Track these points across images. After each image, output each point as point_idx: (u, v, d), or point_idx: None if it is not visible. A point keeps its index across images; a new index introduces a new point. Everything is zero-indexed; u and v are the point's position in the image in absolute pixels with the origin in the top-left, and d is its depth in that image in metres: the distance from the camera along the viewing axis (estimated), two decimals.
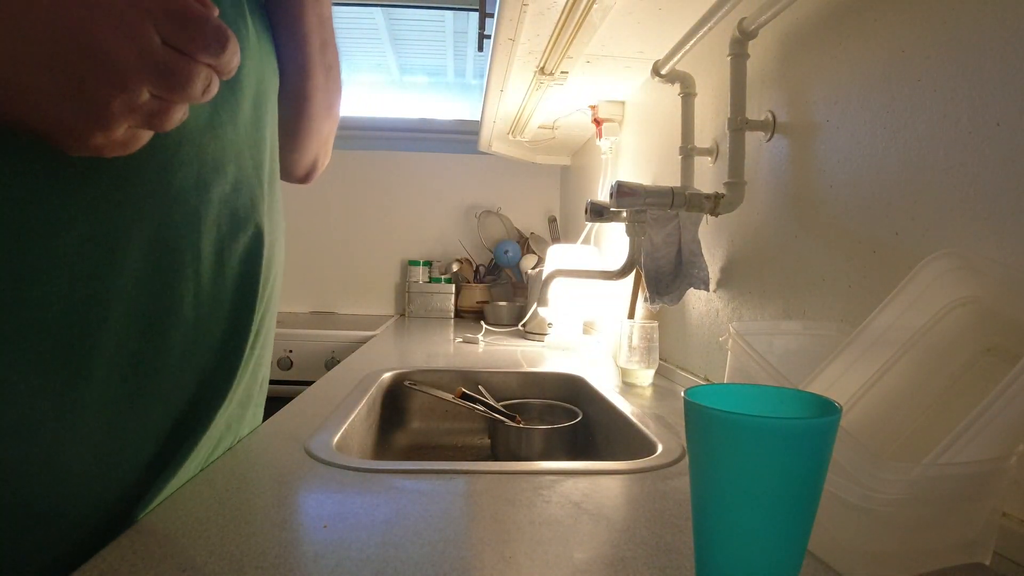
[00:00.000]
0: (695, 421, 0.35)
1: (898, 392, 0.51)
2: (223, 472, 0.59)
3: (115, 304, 0.43)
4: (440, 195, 2.45)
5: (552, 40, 1.12)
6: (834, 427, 0.33)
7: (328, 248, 2.41)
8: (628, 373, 1.10)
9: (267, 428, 0.75)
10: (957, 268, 0.49)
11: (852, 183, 0.68)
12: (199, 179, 0.47)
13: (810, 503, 0.33)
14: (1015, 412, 0.38)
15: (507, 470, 0.62)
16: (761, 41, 0.85)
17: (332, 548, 0.44)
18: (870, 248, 0.65)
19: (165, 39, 0.34)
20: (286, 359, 1.76)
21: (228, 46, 0.36)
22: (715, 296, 1.01)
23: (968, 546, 0.43)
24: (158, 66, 0.34)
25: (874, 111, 0.64)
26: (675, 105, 1.06)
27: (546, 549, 0.45)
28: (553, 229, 2.41)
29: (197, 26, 0.35)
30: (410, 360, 1.31)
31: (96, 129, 0.34)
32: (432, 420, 1.15)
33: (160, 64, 0.34)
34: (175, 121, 0.37)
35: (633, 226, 0.95)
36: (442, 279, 2.32)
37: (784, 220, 0.81)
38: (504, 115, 1.67)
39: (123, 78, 0.33)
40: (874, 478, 0.38)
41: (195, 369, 0.50)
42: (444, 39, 2.68)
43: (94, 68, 0.33)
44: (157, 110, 0.36)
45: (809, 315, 0.75)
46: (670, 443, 0.73)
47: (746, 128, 0.84)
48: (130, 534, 0.45)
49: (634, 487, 0.60)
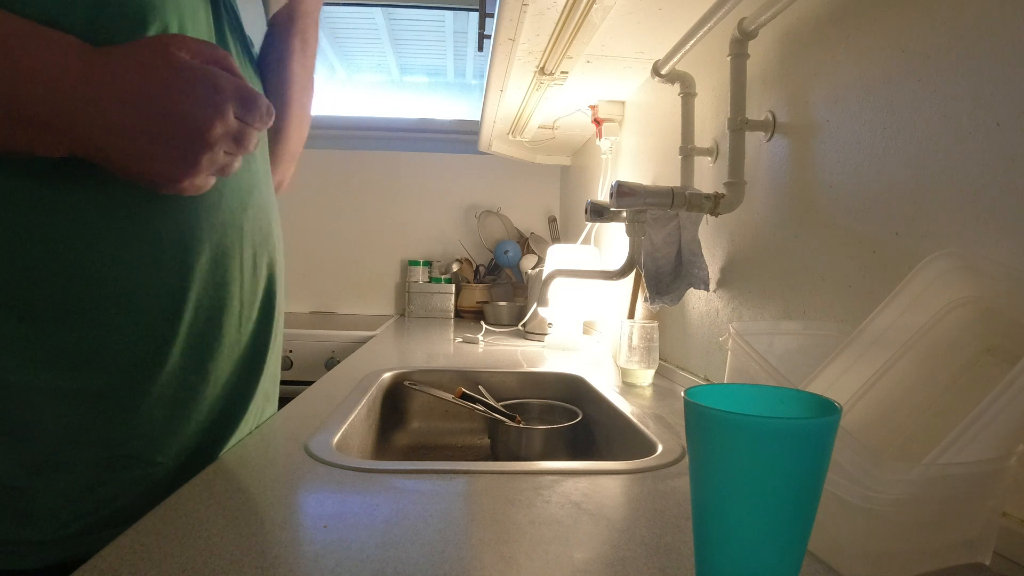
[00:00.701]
0: (695, 421, 0.35)
1: (898, 392, 0.51)
2: (223, 472, 0.59)
3: (190, 297, 0.56)
4: (440, 195, 2.45)
5: (552, 40, 1.12)
6: (834, 427, 0.33)
7: (328, 248, 2.41)
8: (628, 373, 1.10)
9: (267, 428, 0.75)
10: (957, 268, 0.49)
11: (852, 183, 0.68)
12: (240, 202, 0.61)
13: (810, 503, 0.33)
14: (1015, 412, 0.38)
15: (507, 470, 0.62)
16: (761, 41, 0.85)
17: (332, 548, 0.44)
18: (870, 248, 0.65)
19: (236, 115, 0.49)
20: (286, 359, 1.76)
21: (273, 117, 0.52)
22: (715, 296, 1.01)
23: (968, 546, 0.43)
24: (232, 135, 0.49)
25: (874, 111, 0.64)
26: (675, 105, 1.06)
27: (546, 549, 0.45)
28: (553, 229, 2.41)
29: (257, 106, 0.50)
30: (410, 360, 1.31)
31: (186, 177, 0.48)
32: (432, 420, 1.15)
33: (234, 133, 0.49)
34: (235, 169, 0.53)
35: (633, 226, 0.95)
36: (442, 279, 2.32)
37: (784, 220, 0.81)
38: (504, 115, 1.67)
39: (211, 144, 0.48)
40: (874, 478, 0.38)
41: (241, 347, 0.64)
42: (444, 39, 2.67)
43: (195, 138, 0.47)
44: (227, 163, 0.51)
45: (809, 315, 0.75)
46: (670, 443, 0.73)
47: (746, 128, 0.84)
48: (130, 534, 0.45)
49: (634, 487, 0.60)
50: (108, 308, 0.51)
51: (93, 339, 0.50)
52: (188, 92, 0.46)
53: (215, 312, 0.58)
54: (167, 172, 0.47)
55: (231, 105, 0.48)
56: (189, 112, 0.46)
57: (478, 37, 1.56)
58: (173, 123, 0.46)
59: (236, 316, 0.61)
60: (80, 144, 0.45)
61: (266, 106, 0.51)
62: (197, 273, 0.56)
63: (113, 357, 0.51)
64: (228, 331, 0.60)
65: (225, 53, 0.50)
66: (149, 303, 0.53)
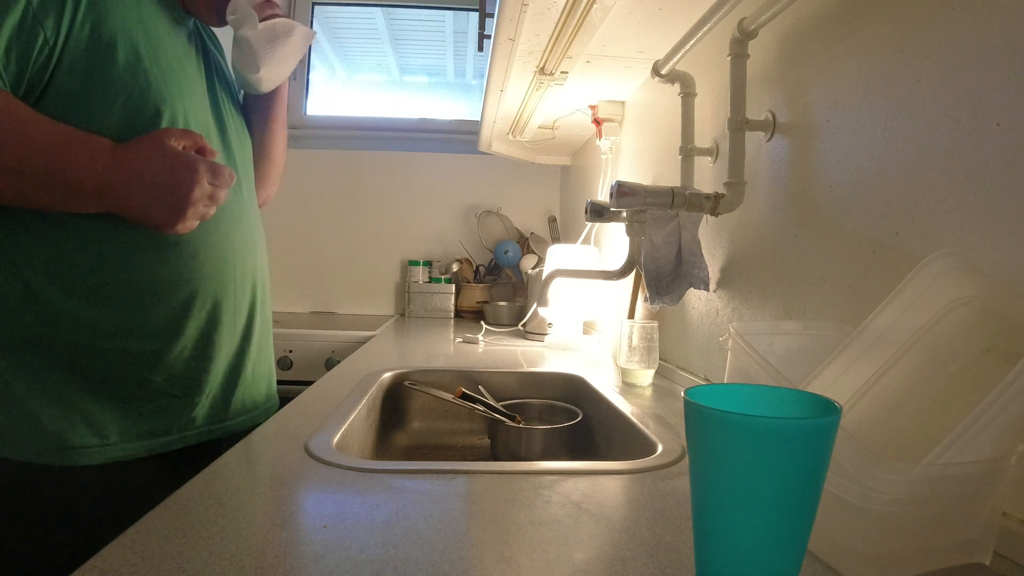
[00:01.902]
0: (695, 421, 0.35)
1: (898, 392, 0.51)
2: (223, 472, 0.60)
3: (198, 290, 0.81)
4: (440, 195, 2.45)
5: (552, 40, 1.12)
6: (834, 427, 0.33)
7: (328, 248, 2.41)
8: (628, 373, 1.10)
9: (267, 428, 0.75)
10: (957, 268, 0.49)
11: (852, 183, 0.68)
12: (234, 225, 0.87)
13: (810, 503, 0.33)
14: (1015, 412, 0.38)
15: (507, 470, 0.62)
16: (761, 41, 0.85)
17: (332, 548, 0.44)
18: (870, 248, 0.65)
19: (209, 182, 0.73)
20: (286, 359, 1.76)
21: (233, 178, 0.77)
22: (715, 296, 1.01)
23: (968, 546, 0.43)
24: (208, 195, 0.74)
25: (874, 111, 0.64)
26: (675, 105, 1.06)
27: (546, 549, 0.45)
28: (553, 229, 2.41)
29: (222, 174, 0.75)
30: (410, 360, 1.31)
31: (177, 224, 0.72)
32: (432, 420, 1.15)
33: (209, 194, 0.74)
34: (211, 215, 0.77)
35: (633, 226, 0.95)
36: (442, 279, 2.32)
37: (784, 220, 0.81)
38: (504, 115, 1.67)
39: (192, 203, 0.72)
40: (874, 478, 0.38)
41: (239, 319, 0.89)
42: (444, 39, 2.68)
43: (181, 199, 0.71)
44: (205, 212, 0.75)
45: (809, 315, 0.75)
46: (670, 443, 0.73)
47: (746, 128, 0.84)
48: (130, 534, 0.45)
49: (634, 487, 0.60)
50: (140, 293, 0.77)
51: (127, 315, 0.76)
52: (176, 170, 0.71)
53: (217, 303, 0.84)
54: (164, 221, 0.72)
55: (205, 177, 0.72)
56: (177, 184, 0.71)
57: (478, 37, 1.56)
58: (166, 191, 0.71)
59: (232, 303, 0.86)
60: (109, 205, 0.70)
61: (228, 173, 0.75)
62: (203, 274, 0.82)
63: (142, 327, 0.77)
64: (226, 314, 0.86)
65: (199, 136, 0.75)
66: (168, 291, 0.79)
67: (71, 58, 0.69)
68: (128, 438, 0.76)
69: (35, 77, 0.67)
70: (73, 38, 0.68)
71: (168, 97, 0.76)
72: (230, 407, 0.88)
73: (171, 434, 0.80)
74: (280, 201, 2.46)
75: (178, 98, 0.78)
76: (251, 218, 0.93)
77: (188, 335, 0.81)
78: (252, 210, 0.94)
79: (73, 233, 0.73)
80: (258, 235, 0.96)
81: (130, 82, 0.73)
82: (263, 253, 0.98)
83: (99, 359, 0.75)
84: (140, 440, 0.77)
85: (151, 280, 0.77)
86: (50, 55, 0.67)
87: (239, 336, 0.89)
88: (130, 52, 0.73)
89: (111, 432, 0.75)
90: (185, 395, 0.81)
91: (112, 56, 0.71)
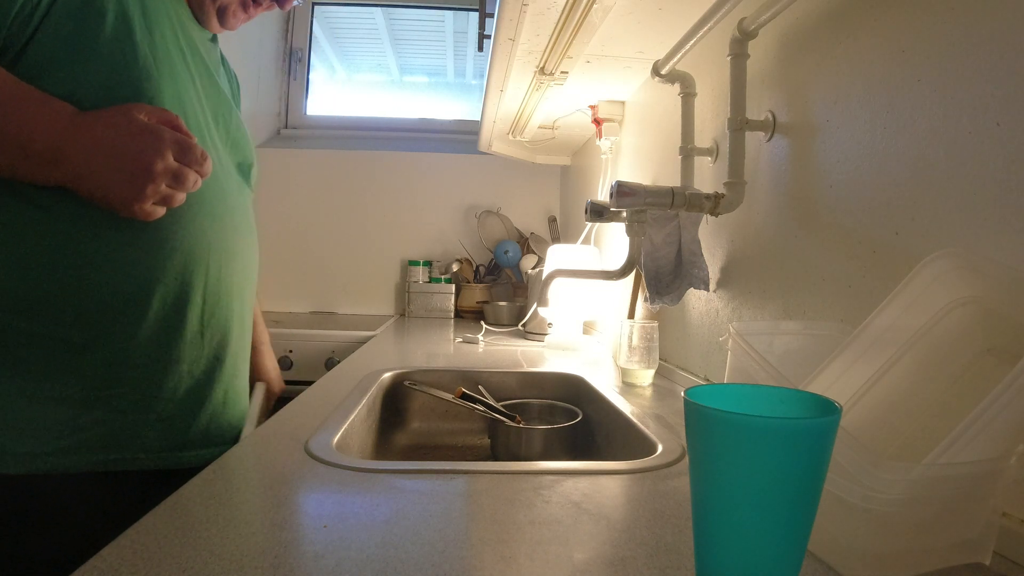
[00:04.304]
0: (695, 421, 0.35)
1: (898, 392, 0.51)
2: (223, 472, 0.60)
3: (157, 289, 0.72)
4: (440, 195, 2.45)
5: (552, 40, 1.12)
6: (834, 427, 0.33)
7: (328, 248, 2.40)
8: (628, 373, 1.10)
9: (267, 428, 0.75)
10: (957, 268, 0.49)
11: (852, 183, 0.68)
12: (211, 220, 0.77)
13: (810, 503, 0.33)
14: (1015, 412, 0.38)
15: (507, 470, 0.62)
16: (761, 41, 0.85)
17: (332, 548, 0.44)
18: (870, 248, 0.65)
19: (177, 158, 0.65)
20: (286, 359, 1.76)
21: (207, 162, 0.68)
22: (715, 296, 1.01)
23: (968, 546, 0.43)
24: (172, 171, 0.65)
25: (874, 111, 0.64)
26: (675, 105, 1.06)
27: (546, 549, 0.45)
28: (553, 229, 2.41)
29: (191, 151, 0.66)
30: (410, 360, 1.31)
31: (135, 202, 0.64)
32: (432, 420, 1.15)
33: (174, 170, 0.65)
34: (178, 203, 0.68)
35: (633, 226, 0.95)
36: (442, 279, 2.32)
37: (784, 220, 0.81)
38: (504, 115, 1.67)
39: (154, 176, 0.64)
40: (874, 478, 0.38)
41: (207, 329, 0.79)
42: (444, 39, 2.68)
43: (141, 170, 0.63)
44: (169, 195, 0.66)
45: (809, 315, 0.75)
46: (670, 443, 0.73)
47: (746, 128, 0.84)
48: (130, 534, 0.45)
49: (634, 487, 0.60)
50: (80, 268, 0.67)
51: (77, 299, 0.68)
52: (137, 139, 0.63)
53: (180, 302, 0.74)
54: (121, 195, 0.64)
55: (169, 150, 0.64)
56: (137, 152, 0.63)
57: (478, 37, 1.56)
58: (125, 160, 0.63)
59: (200, 309, 0.76)
60: (65, 175, 0.63)
61: (200, 152, 0.66)
62: (166, 269, 0.72)
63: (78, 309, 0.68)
64: (191, 323, 0.75)
65: (175, 116, 0.67)
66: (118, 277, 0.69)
67: (57, 20, 0.64)
68: (66, 450, 0.67)
69: (13, 33, 0.62)
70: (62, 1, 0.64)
71: (156, 77, 0.70)
72: (189, 433, 0.76)
73: (113, 452, 0.69)
74: (280, 201, 2.47)
75: (168, 80, 0.72)
76: (239, 221, 0.84)
77: (139, 336, 0.70)
78: (242, 215, 0.85)
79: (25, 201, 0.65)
80: (245, 244, 0.86)
81: (115, 52, 0.67)
82: (253, 269, 0.89)
83: (34, 347, 0.66)
84: (78, 454, 0.67)
85: (98, 260, 0.67)
86: (32, 12, 0.63)
87: (207, 352, 0.78)
88: (120, 22, 0.68)
89: (47, 440, 0.66)
90: (132, 409, 0.71)
91: (101, 23, 0.66)
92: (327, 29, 2.66)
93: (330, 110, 2.59)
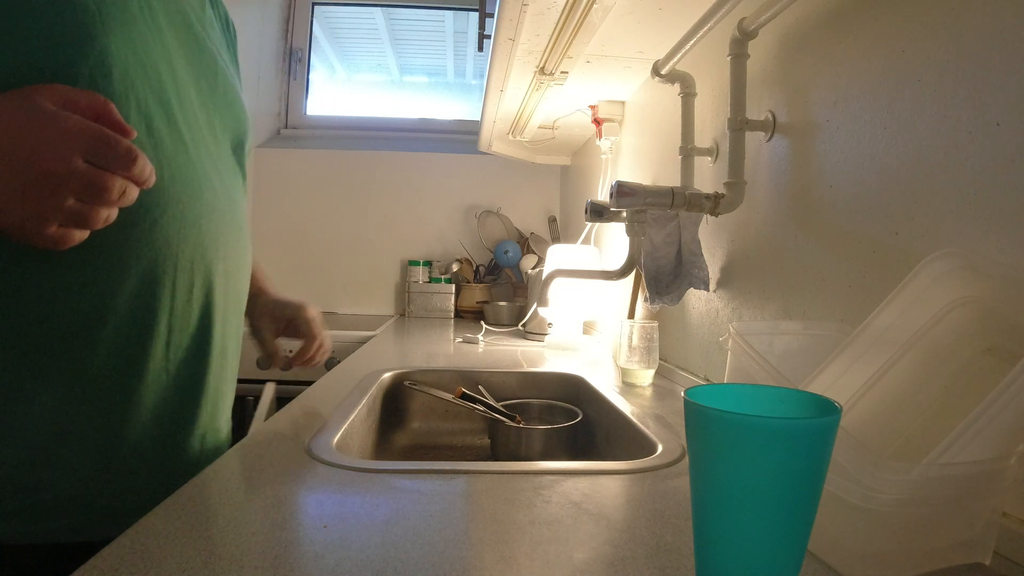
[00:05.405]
0: (695, 421, 0.35)
1: (898, 392, 0.51)
2: (223, 472, 0.59)
3: (108, 320, 0.55)
4: (440, 195, 2.45)
5: (552, 40, 1.12)
6: (834, 427, 0.33)
7: (328, 248, 2.40)
8: (628, 373, 1.10)
9: (267, 428, 0.75)
10: (957, 268, 0.49)
11: (852, 183, 0.68)
12: (180, 232, 0.59)
13: (810, 503, 0.33)
14: (1015, 412, 0.38)
15: (507, 470, 0.62)
16: (761, 41, 0.85)
17: (332, 548, 0.44)
18: (870, 248, 0.65)
19: (89, 160, 0.45)
20: (286, 359, 1.76)
21: (137, 163, 0.47)
22: (715, 296, 1.01)
23: (968, 546, 0.43)
24: (81, 179, 0.45)
25: (874, 111, 0.64)
26: (675, 105, 1.06)
27: (546, 549, 0.45)
28: (553, 229, 2.41)
29: (111, 149, 0.46)
30: (410, 360, 1.31)
31: (35, 227, 0.45)
32: (432, 420, 1.15)
33: (82, 177, 0.45)
34: (99, 221, 0.48)
35: (633, 226, 0.95)
36: (442, 279, 2.32)
37: (784, 220, 0.81)
38: (504, 115, 1.67)
39: (52, 189, 0.44)
40: (874, 478, 0.38)
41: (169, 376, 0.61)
42: (444, 39, 2.68)
43: (35, 182, 0.44)
44: (80, 212, 0.46)
45: (809, 315, 0.75)
46: (670, 443, 0.73)
47: (746, 128, 0.84)
48: (130, 534, 0.45)
49: (634, 487, 0.60)
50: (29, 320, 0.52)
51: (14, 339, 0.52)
52: (30, 134, 0.44)
53: (139, 336, 0.57)
54: (12, 218, 0.45)
55: (77, 149, 0.44)
56: (29, 154, 0.44)
57: (478, 37, 1.56)
58: (15, 162, 0.44)
59: (163, 343, 0.59)
60: None
61: (125, 149, 0.46)
62: (119, 297, 0.55)
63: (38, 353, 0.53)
64: (153, 357, 0.59)
65: (104, 101, 0.47)
66: (68, 321, 0.53)
67: None
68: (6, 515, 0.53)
69: None
70: None
71: (102, 34, 0.51)
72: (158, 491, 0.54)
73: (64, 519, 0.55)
74: (280, 201, 2.47)
75: (120, 38, 0.53)
76: (223, 224, 0.65)
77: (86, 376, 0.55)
78: (227, 215, 0.66)
79: None
80: (232, 252, 0.67)
81: (46, 7, 0.49)
82: (242, 280, 0.71)
83: None
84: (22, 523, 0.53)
85: (25, 290, 0.51)
86: None
87: (174, 394, 0.62)
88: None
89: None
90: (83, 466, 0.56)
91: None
92: (327, 29, 2.66)
93: (330, 110, 2.59)
